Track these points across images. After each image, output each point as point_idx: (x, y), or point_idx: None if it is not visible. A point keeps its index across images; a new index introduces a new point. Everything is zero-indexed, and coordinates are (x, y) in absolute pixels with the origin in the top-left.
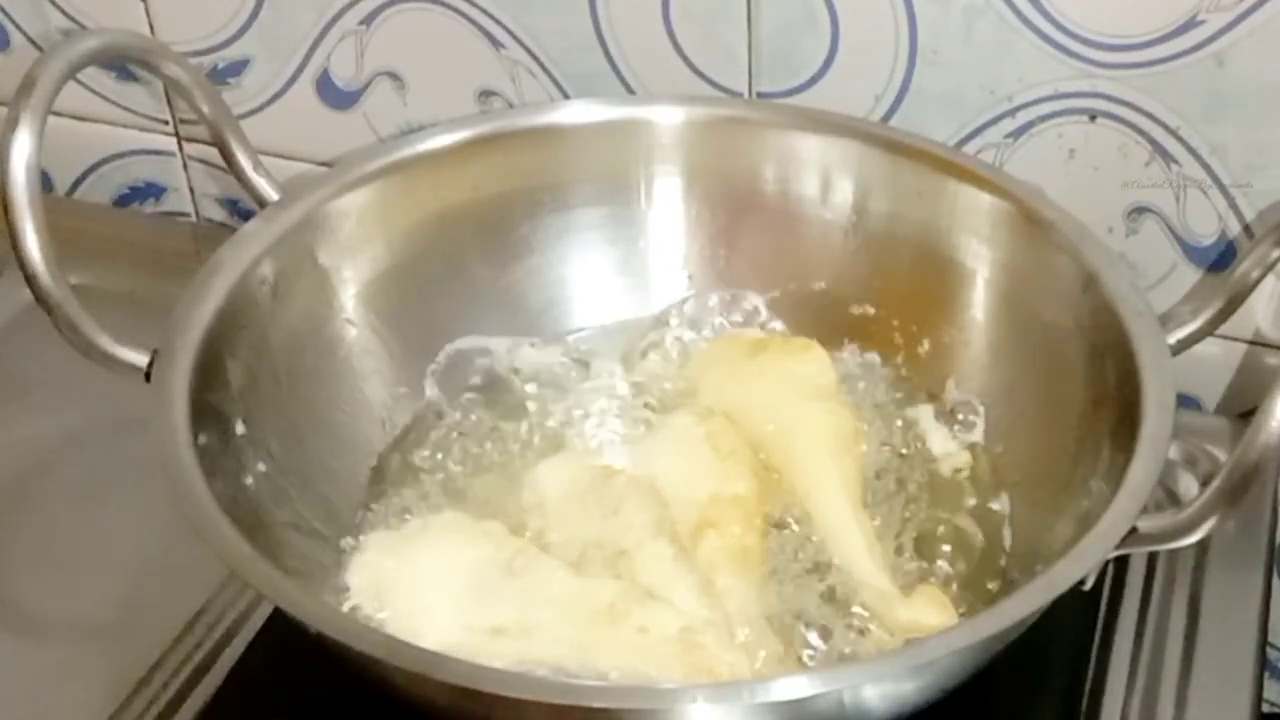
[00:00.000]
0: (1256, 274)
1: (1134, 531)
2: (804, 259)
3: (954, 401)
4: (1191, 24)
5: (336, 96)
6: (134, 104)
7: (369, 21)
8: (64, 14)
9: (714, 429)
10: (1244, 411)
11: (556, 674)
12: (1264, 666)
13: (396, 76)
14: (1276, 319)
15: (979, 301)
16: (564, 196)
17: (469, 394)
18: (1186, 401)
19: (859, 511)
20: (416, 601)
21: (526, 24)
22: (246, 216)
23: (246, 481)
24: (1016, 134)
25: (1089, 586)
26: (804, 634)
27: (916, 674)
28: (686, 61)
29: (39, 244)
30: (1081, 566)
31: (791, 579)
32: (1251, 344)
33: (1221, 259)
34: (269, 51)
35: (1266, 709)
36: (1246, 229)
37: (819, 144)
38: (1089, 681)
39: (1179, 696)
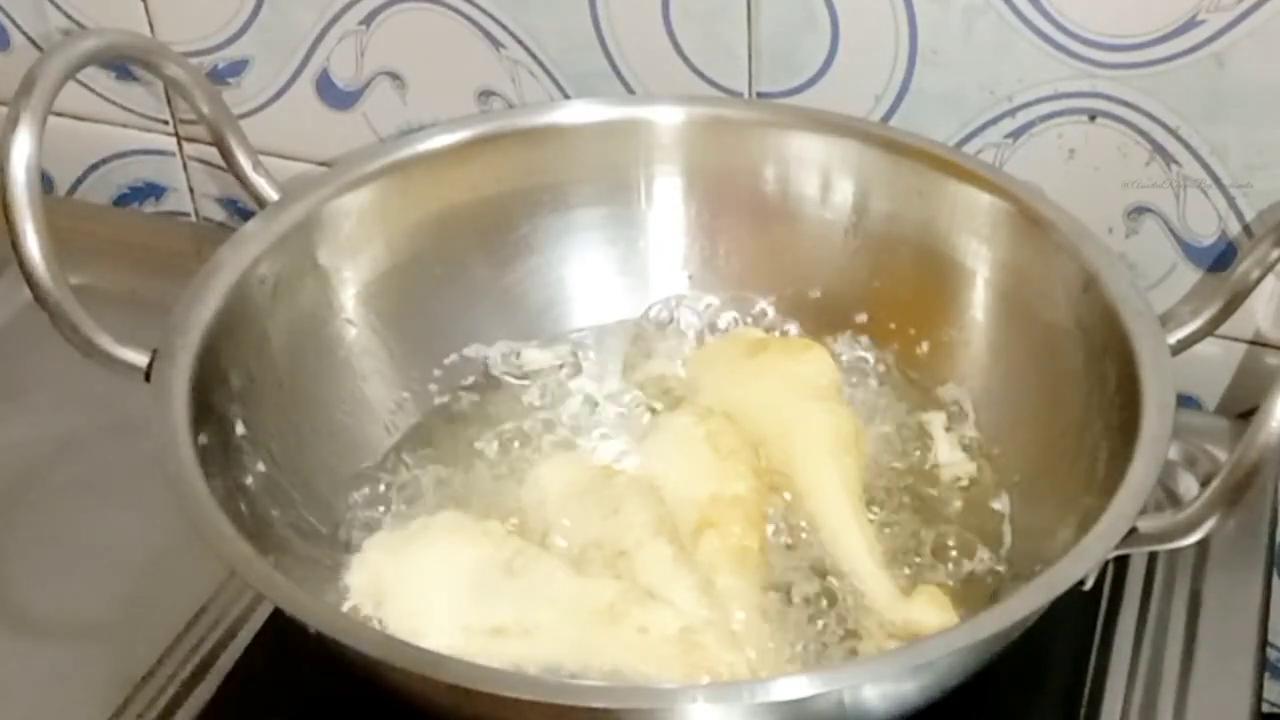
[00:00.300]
0: (1256, 274)
1: (1134, 531)
2: (804, 259)
3: (953, 401)
4: (1191, 24)
5: (336, 96)
6: (134, 104)
7: (369, 21)
8: (64, 14)
9: (714, 429)
10: (1244, 411)
11: (557, 674)
12: (1264, 666)
13: (396, 76)
14: (1276, 319)
15: (979, 301)
16: (564, 196)
17: (469, 393)
18: (1186, 401)
19: (859, 511)
20: (416, 601)
21: (526, 24)
22: (246, 216)
23: (246, 481)
24: (1016, 134)
25: (1089, 586)
26: (804, 634)
27: (916, 674)
28: (686, 61)
29: (39, 244)
30: (1081, 566)
31: (791, 579)
32: (1251, 344)
33: (1221, 259)
34: (269, 51)
35: (1266, 709)
36: (1246, 229)
37: (819, 144)
38: (1089, 681)
39: (1179, 696)
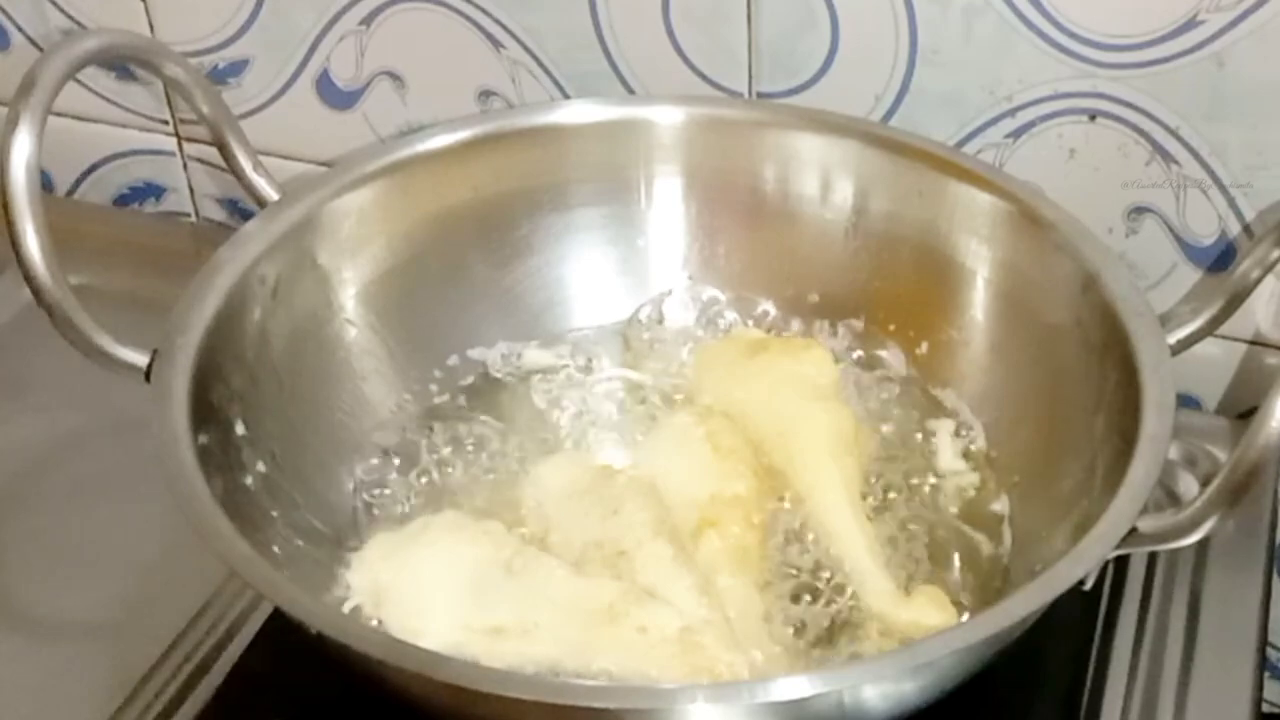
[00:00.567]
0: (1256, 274)
1: (1134, 531)
2: (804, 259)
3: (952, 402)
4: (1191, 24)
5: (336, 96)
6: (134, 104)
7: (369, 21)
8: (64, 14)
9: (714, 429)
10: (1244, 411)
11: (556, 674)
12: (1264, 666)
13: (396, 76)
14: (1276, 319)
15: (979, 301)
16: (564, 196)
17: (469, 394)
18: (1186, 401)
19: (859, 511)
20: (416, 601)
21: (526, 24)
22: (246, 216)
23: (246, 481)
24: (1016, 134)
25: (1089, 586)
26: (804, 633)
27: (916, 674)
28: (686, 61)
29: (39, 244)
30: (1081, 566)
31: (791, 579)
32: (1251, 344)
33: (1221, 259)
34: (269, 51)
35: (1266, 709)
36: (1246, 229)
37: (819, 144)
38: (1089, 681)
39: (1179, 696)
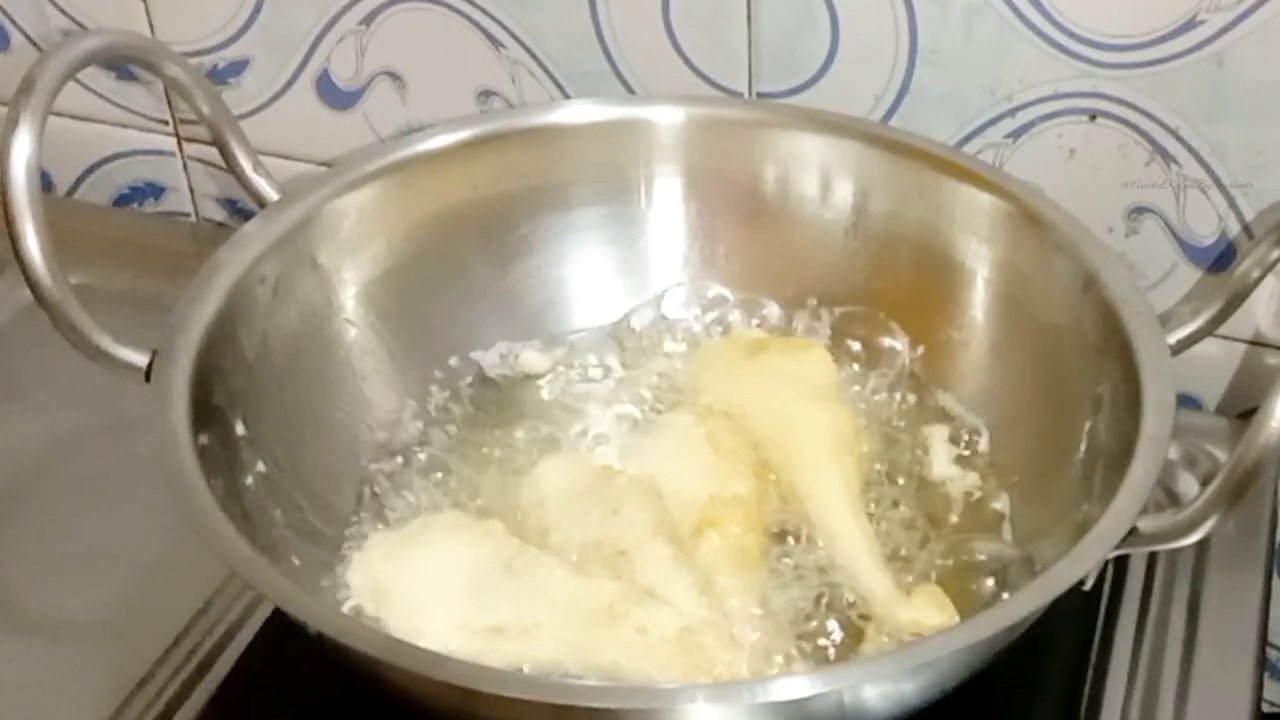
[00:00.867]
0: (1256, 274)
1: (1134, 531)
2: (804, 259)
3: (952, 401)
4: (1191, 24)
5: (336, 96)
6: (134, 104)
7: (369, 21)
8: (64, 14)
9: (714, 429)
10: (1244, 411)
11: (556, 674)
12: (1264, 666)
13: (396, 76)
14: (1276, 319)
15: (979, 301)
16: (564, 196)
17: (469, 394)
18: (1186, 401)
19: (859, 511)
20: (416, 601)
21: (526, 24)
22: (246, 216)
23: (246, 481)
24: (1016, 134)
25: (1089, 586)
26: (804, 633)
27: (916, 674)
28: (686, 61)
29: (39, 244)
30: (1081, 566)
31: (791, 578)
32: (1251, 344)
33: (1221, 259)
34: (269, 51)
35: (1266, 709)
36: (1246, 229)
37: (819, 144)
38: (1089, 681)
39: (1179, 696)
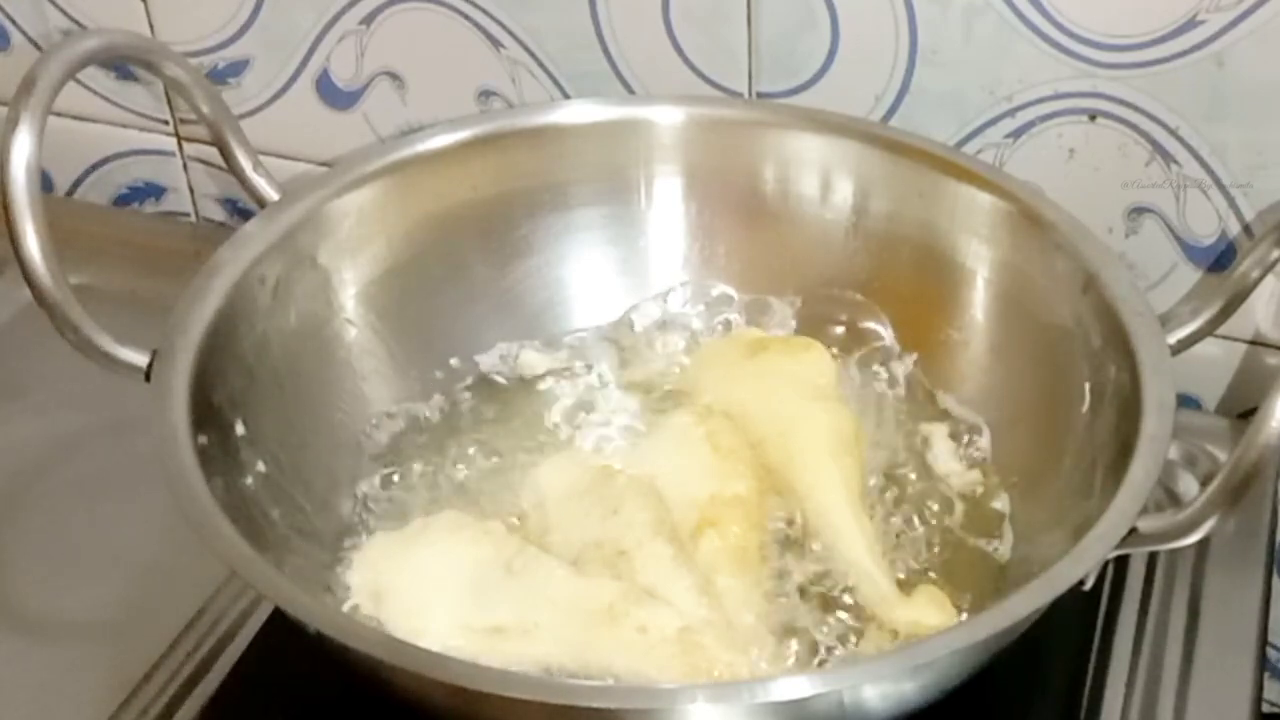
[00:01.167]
0: (1256, 274)
1: (1134, 531)
2: (804, 259)
3: (952, 401)
4: (1191, 24)
5: (336, 96)
6: (134, 104)
7: (369, 21)
8: (64, 14)
9: (714, 429)
10: (1244, 411)
11: (556, 674)
12: (1264, 666)
13: (396, 76)
14: (1276, 319)
15: (979, 301)
16: (564, 196)
17: (469, 393)
18: (1186, 401)
19: (859, 511)
20: (416, 601)
21: (526, 24)
22: (246, 216)
23: (246, 481)
24: (1016, 134)
25: (1089, 586)
26: (804, 633)
27: (916, 674)
28: (686, 61)
29: (39, 244)
30: (1081, 566)
31: (791, 578)
32: (1251, 344)
33: (1221, 259)
34: (269, 51)
35: (1266, 709)
36: (1246, 229)
37: (819, 144)
38: (1089, 681)
39: (1179, 696)
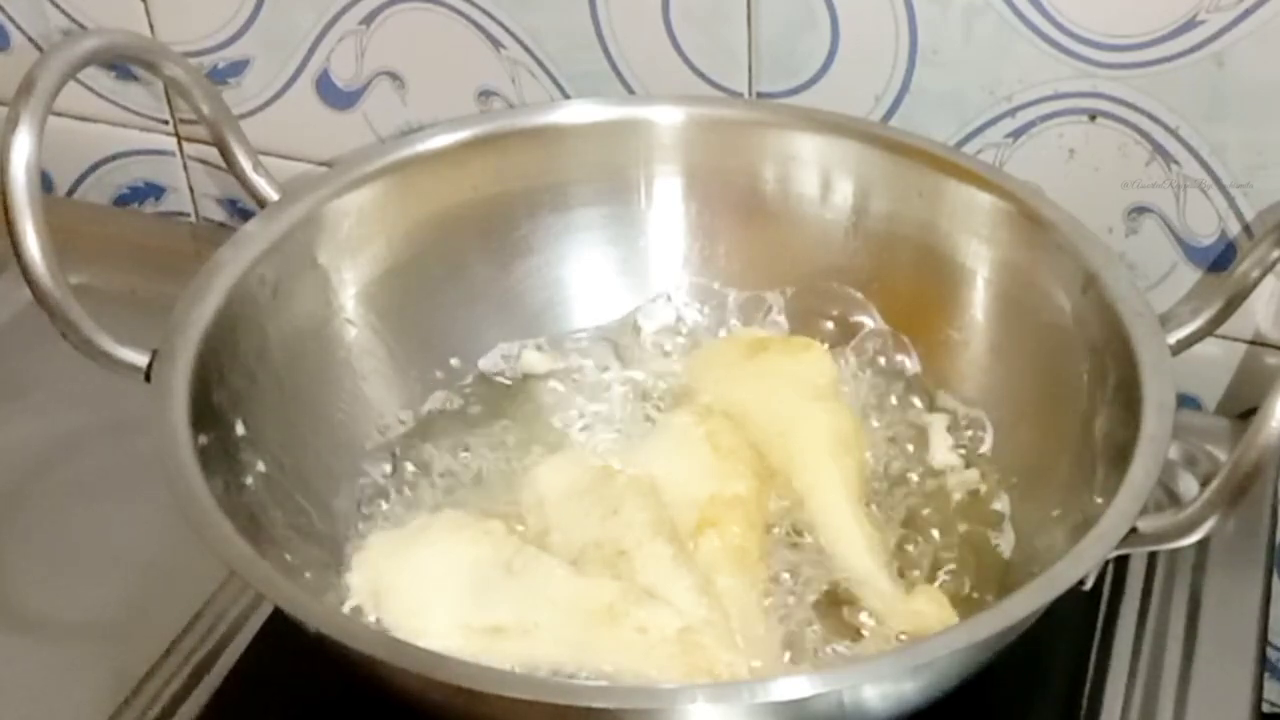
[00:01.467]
0: (1256, 274)
1: (1134, 531)
2: (804, 259)
3: (952, 401)
4: (1191, 24)
5: (336, 96)
6: (134, 104)
7: (369, 21)
8: (64, 14)
9: (714, 429)
10: (1244, 411)
11: (556, 674)
12: (1264, 666)
13: (396, 76)
14: (1276, 319)
15: (979, 301)
16: (564, 196)
17: (469, 393)
18: (1186, 401)
19: (859, 511)
20: (416, 601)
21: (526, 24)
22: (246, 216)
23: (246, 481)
24: (1016, 134)
25: (1089, 586)
26: (803, 633)
27: (916, 674)
28: (686, 61)
29: (39, 244)
30: (1081, 566)
31: (791, 578)
32: (1251, 344)
33: (1221, 259)
34: (269, 51)
35: (1266, 709)
36: (1246, 229)
37: (819, 144)
38: (1089, 681)
39: (1179, 696)
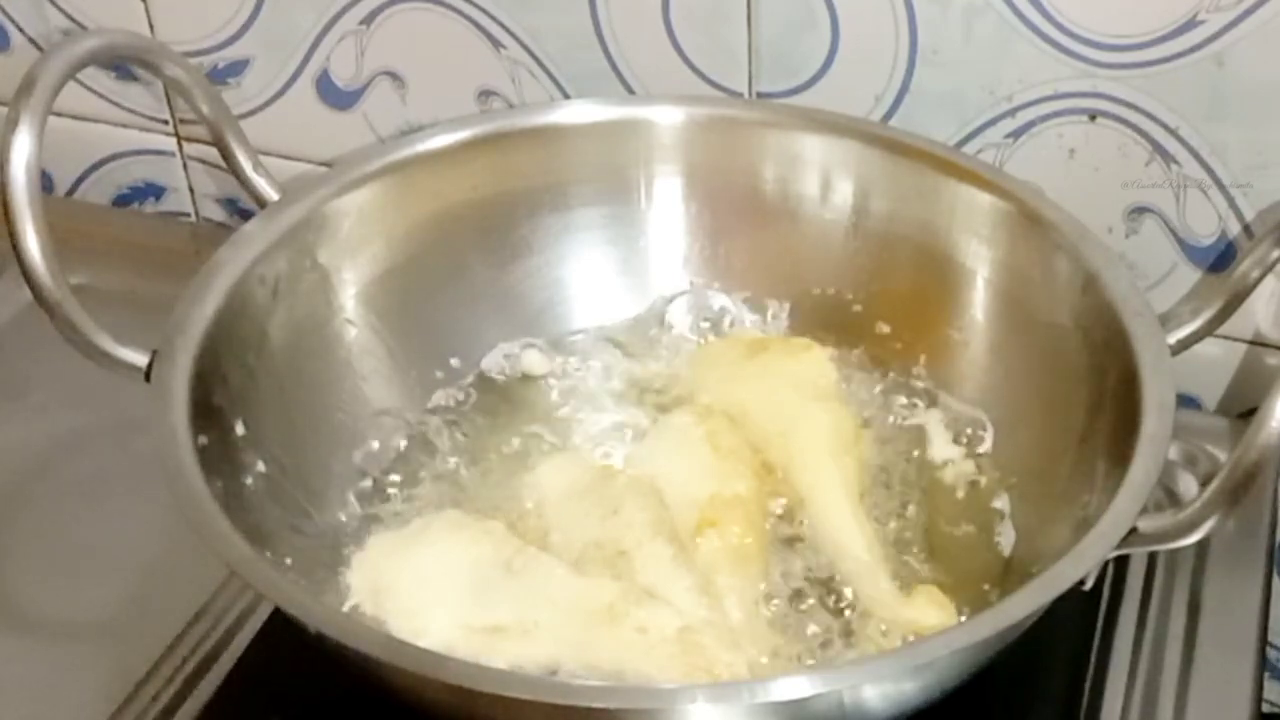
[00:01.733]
0: (1256, 274)
1: (1134, 531)
2: (804, 259)
3: (952, 401)
4: (1191, 24)
5: (336, 96)
6: (134, 104)
7: (369, 21)
8: (64, 14)
9: (714, 429)
10: (1244, 411)
11: (556, 674)
12: (1264, 666)
13: (396, 76)
14: (1276, 319)
15: (979, 302)
16: (564, 196)
17: (469, 393)
18: (1186, 401)
19: (859, 511)
20: (416, 601)
21: (526, 24)
22: (246, 216)
23: (246, 481)
24: (1016, 134)
25: (1089, 586)
26: (803, 633)
27: (916, 674)
28: (686, 61)
29: (39, 244)
30: (1081, 566)
31: (791, 578)
32: (1251, 344)
33: (1221, 259)
34: (269, 51)
35: (1266, 709)
36: (1246, 229)
37: (819, 144)
38: (1089, 681)
39: (1179, 696)
